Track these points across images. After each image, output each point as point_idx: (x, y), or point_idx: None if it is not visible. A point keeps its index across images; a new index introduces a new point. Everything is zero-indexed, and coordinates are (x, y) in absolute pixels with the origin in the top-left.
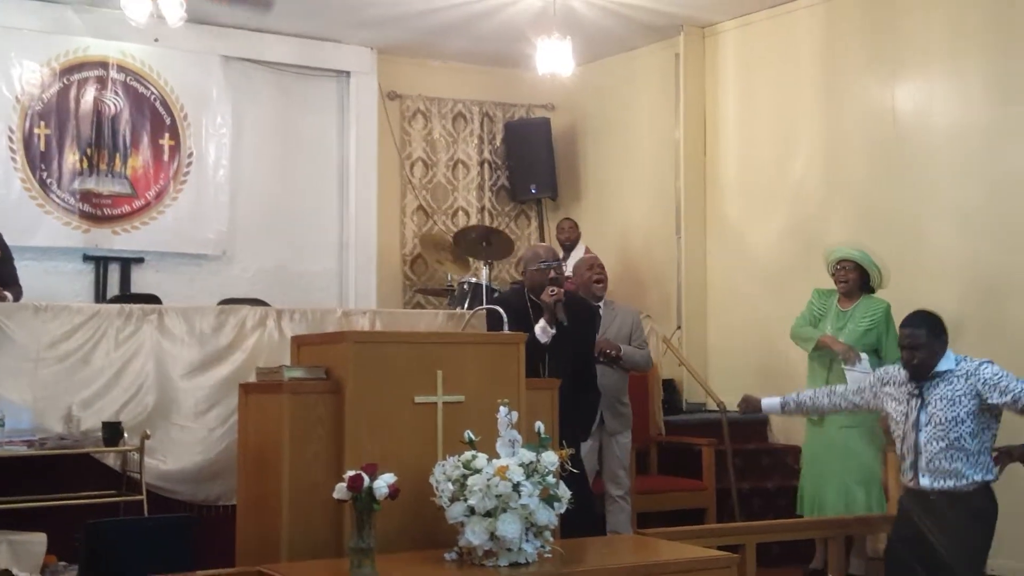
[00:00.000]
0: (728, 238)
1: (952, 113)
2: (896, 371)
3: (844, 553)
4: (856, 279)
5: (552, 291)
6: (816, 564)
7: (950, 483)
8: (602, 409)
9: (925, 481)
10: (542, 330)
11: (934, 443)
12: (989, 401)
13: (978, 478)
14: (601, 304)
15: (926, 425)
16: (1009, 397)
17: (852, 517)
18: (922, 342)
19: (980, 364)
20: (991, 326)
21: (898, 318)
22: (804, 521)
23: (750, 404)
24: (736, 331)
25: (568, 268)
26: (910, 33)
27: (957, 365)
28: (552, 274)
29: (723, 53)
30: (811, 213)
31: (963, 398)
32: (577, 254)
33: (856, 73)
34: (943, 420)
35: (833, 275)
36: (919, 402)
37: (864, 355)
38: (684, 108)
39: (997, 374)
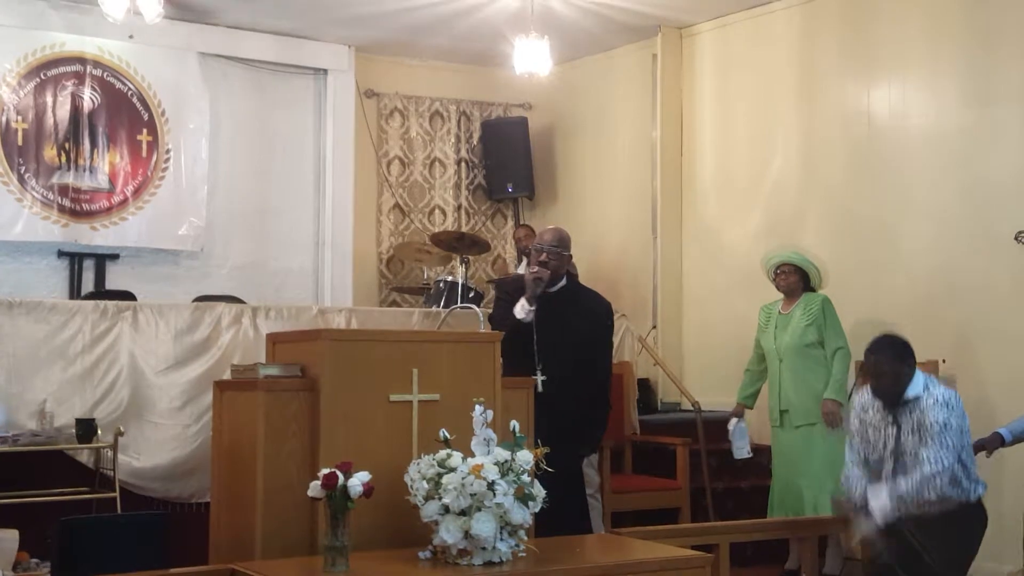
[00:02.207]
0: (704, 238)
1: (928, 115)
2: (867, 400)
3: (817, 553)
4: (796, 281)
5: (535, 270)
6: (791, 564)
7: (932, 505)
8: None
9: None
10: (520, 307)
11: (911, 474)
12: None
13: (962, 499)
14: None
15: (902, 455)
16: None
17: (825, 517)
18: (885, 369)
19: (936, 403)
20: (965, 329)
21: (872, 321)
22: (777, 521)
23: (844, 507)
24: (711, 331)
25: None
26: (886, 35)
27: (924, 391)
28: (543, 256)
29: (700, 54)
30: (787, 214)
31: (932, 427)
32: None
33: (832, 75)
34: (914, 451)
35: (774, 281)
36: (895, 429)
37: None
38: (661, 109)
39: (938, 423)
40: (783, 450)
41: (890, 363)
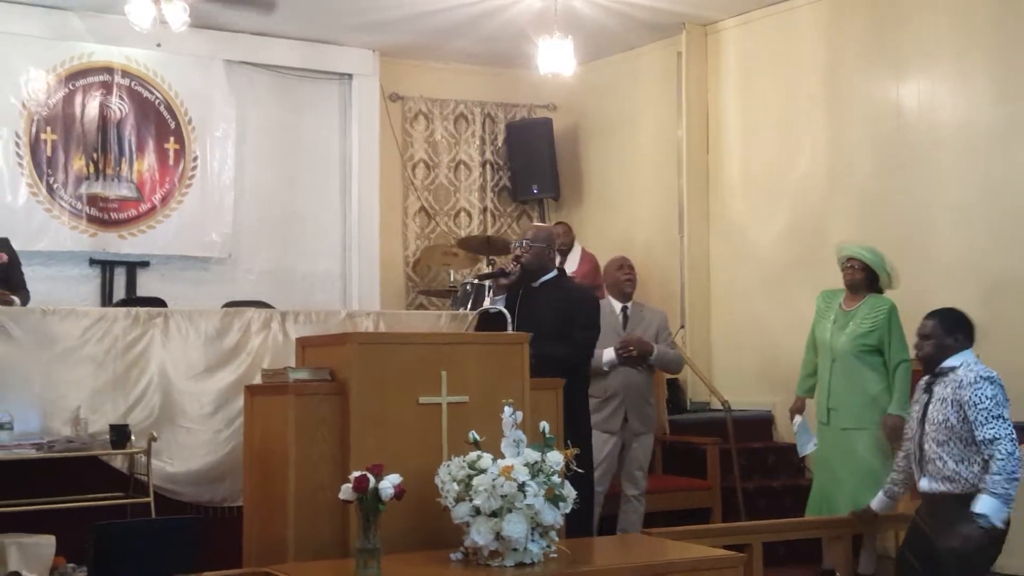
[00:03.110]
0: (731, 237)
1: (957, 111)
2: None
3: (852, 552)
4: (862, 279)
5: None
6: (827, 564)
7: (945, 486)
8: (627, 409)
9: (924, 483)
10: (490, 300)
11: (930, 443)
12: (973, 426)
13: (966, 476)
14: (629, 305)
15: (927, 424)
16: (988, 437)
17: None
18: (928, 332)
19: (976, 380)
20: (994, 324)
21: (903, 317)
22: (810, 520)
23: (865, 515)
24: (740, 329)
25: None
26: (915, 30)
27: (960, 365)
28: (518, 251)
29: (725, 51)
30: (814, 211)
31: (952, 404)
32: (573, 257)
33: (860, 70)
34: (937, 420)
35: (842, 272)
36: (928, 397)
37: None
38: (686, 107)
39: (978, 403)
40: (826, 450)
41: (934, 328)
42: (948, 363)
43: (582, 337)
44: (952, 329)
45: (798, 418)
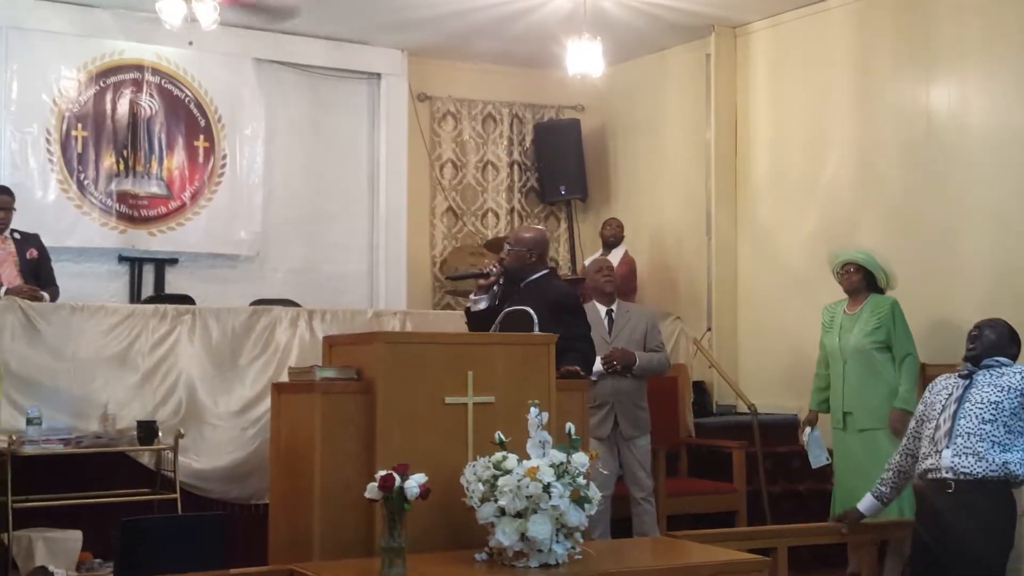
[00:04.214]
0: (759, 240)
1: (987, 115)
2: (945, 375)
3: (877, 558)
4: (860, 281)
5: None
6: (852, 569)
7: (970, 461)
8: (617, 414)
9: (947, 455)
10: (472, 300)
11: (970, 419)
12: (1017, 413)
13: (999, 462)
14: (614, 307)
15: (966, 402)
16: None
17: (885, 521)
18: (998, 327)
19: None
20: (1022, 330)
21: (929, 324)
22: (835, 525)
23: (851, 517)
24: (767, 333)
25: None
26: (945, 34)
27: (1012, 365)
28: (502, 253)
29: (754, 53)
30: (843, 215)
31: (1012, 390)
32: (619, 253)
33: (889, 74)
34: (985, 401)
35: (839, 280)
36: (967, 383)
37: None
38: (715, 109)
39: None
40: (846, 454)
41: (998, 334)
42: (997, 359)
43: (579, 335)
44: (1013, 341)
45: (808, 430)
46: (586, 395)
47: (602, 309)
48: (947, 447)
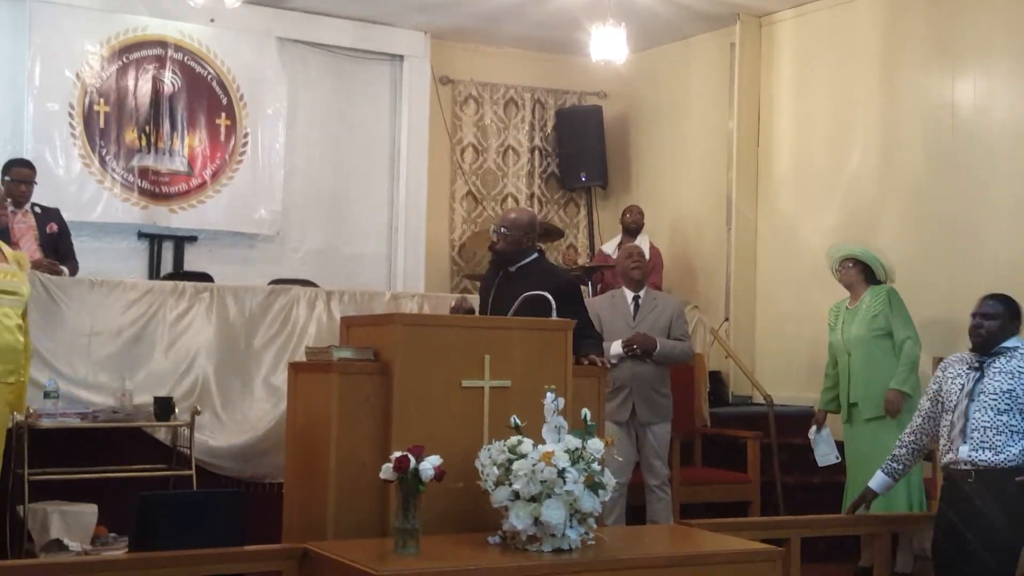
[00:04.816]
0: (779, 231)
1: (1013, 110)
2: (957, 357)
3: (890, 550)
4: (857, 275)
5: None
6: (864, 562)
7: (988, 455)
8: (635, 400)
9: (964, 450)
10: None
11: (984, 412)
12: None
13: (1016, 451)
14: (642, 294)
15: (980, 395)
16: None
17: (897, 514)
18: (997, 312)
19: None
20: None
21: (950, 318)
22: (847, 517)
23: (866, 497)
24: (784, 324)
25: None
26: (972, 28)
27: (1019, 346)
28: (493, 239)
29: (779, 43)
30: (865, 208)
31: (1017, 375)
32: (642, 240)
33: (915, 67)
34: (998, 391)
35: (838, 276)
36: (978, 375)
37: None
38: (738, 99)
39: None
40: (854, 446)
41: (1002, 311)
42: (1006, 344)
43: (585, 321)
44: (1015, 316)
45: (814, 428)
46: (603, 381)
47: (629, 295)
48: (963, 443)
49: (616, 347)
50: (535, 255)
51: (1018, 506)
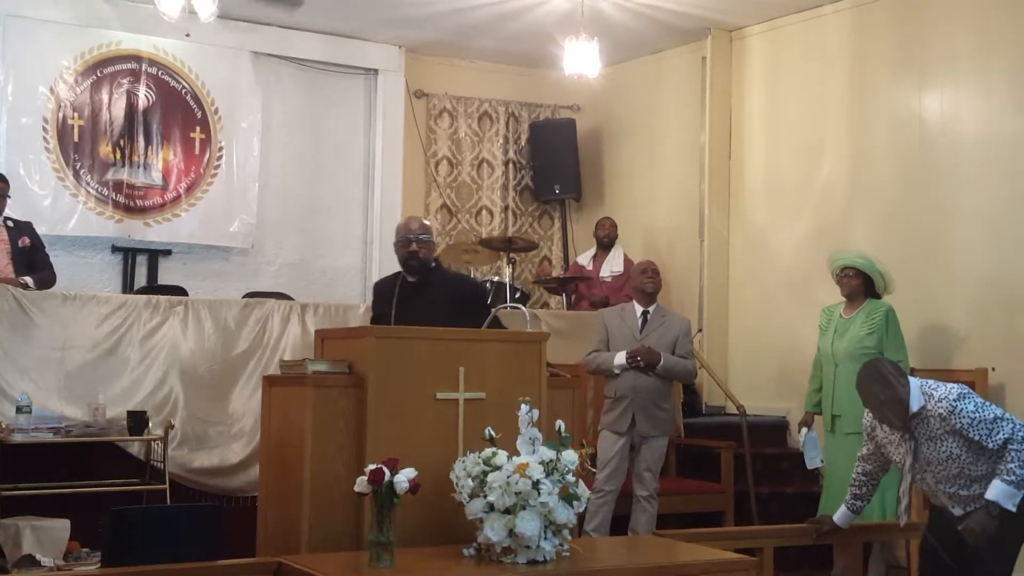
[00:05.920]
0: (752, 242)
1: (979, 121)
2: (884, 430)
3: (861, 560)
4: (858, 286)
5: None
6: (837, 571)
7: (963, 507)
8: (635, 411)
9: (957, 510)
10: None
11: (941, 483)
12: (982, 443)
13: (984, 485)
14: (651, 309)
15: (927, 464)
16: (1000, 440)
17: (869, 524)
18: (882, 399)
19: (952, 407)
20: (1015, 338)
21: (921, 328)
22: (812, 526)
23: (824, 524)
24: (757, 335)
25: (605, 268)
26: (938, 40)
27: (927, 402)
28: (412, 247)
29: (750, 57)
30: (836, 219)
31: (947, 437)
32: (616, 253)
33: (883, 80)
34: (940, 459)
35: (838, 283)
36: (913, 443)
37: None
38: (710, 112)
39: (973, 414)
40: (834, 457)
41: (884, 392)
42: (914, 407)
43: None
44: (894, 379)
45: (804, 430)
46: (576, 394)
47: (639, 309)
48: (953, 506)
49: (620, 358)
50: (435, 262)
51: (1001, 540)
